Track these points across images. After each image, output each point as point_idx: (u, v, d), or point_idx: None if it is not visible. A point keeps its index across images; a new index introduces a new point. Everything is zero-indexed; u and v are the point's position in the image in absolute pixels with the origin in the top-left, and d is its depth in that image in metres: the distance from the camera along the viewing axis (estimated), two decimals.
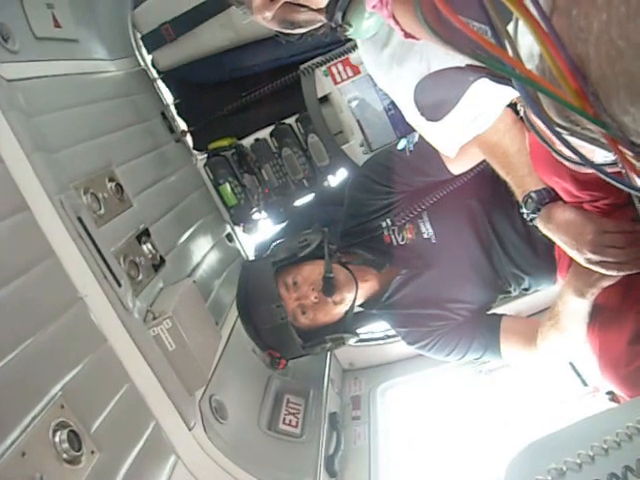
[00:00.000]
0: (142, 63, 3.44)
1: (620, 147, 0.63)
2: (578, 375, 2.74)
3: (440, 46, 0.83)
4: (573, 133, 0.71)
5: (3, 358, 1.50)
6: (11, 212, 1.77)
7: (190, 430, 2.09)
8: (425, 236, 2.66)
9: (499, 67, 0.71)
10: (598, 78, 0.60)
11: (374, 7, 1.23)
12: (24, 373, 1.56)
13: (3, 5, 2.34)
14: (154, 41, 3.33)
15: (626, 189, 0.83)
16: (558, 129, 0.71)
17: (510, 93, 1.23)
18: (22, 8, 2.42)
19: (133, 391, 1.91)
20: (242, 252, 3.70)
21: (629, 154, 0.63)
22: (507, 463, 1.67)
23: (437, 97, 0.99)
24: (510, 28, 0.74)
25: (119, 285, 2.04)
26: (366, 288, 2.69)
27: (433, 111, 1.02)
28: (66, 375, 1.68)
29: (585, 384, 2.71)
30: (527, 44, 0.71)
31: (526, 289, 2.72)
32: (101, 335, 1.89)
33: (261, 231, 3.65)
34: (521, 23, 0.69)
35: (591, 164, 0.77)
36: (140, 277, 2.39)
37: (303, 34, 1.77)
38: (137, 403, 1.92)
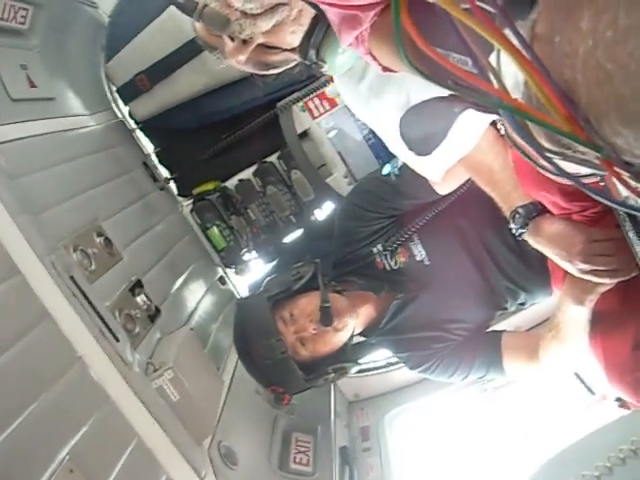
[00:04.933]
0: (119, 115, 3.46)
1: (615, 168, 0.63)
2: (584, 384, 2.73)
3: (424, 82, 0.84)
4: (565, 157, 0.71)
5: (8, 426, 1.48)
6: (3, 278, 1.75)
7: None
8: (418, 258, 2.66)
9: (485, 99, 0.71)
10: (588, 102, 0.60)
11: (350, 45, 1.24)
12: (30, 439, 1.54)
13: None
14: (130, 92, 3.36)
15: (613, 206, 0.84)
16: (549, 154, 0.71)
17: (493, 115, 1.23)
18: None
19: (141, 447, 1.88)
20: (236, 294, 3.69)
21: (625, 174, 0.63)
22: None
23: (424, 131, 0.99)
24: (492, 58, 0.74)
25: (117, 340, 2.02)
26: (364, 315, 2.66)
27: (421, 146, 1.02)
28: (72, 438, 1.65)
29: (592, 392, 2.71)
30: (511, 73, 0.71)
31: (522, 303, 2.72)
32: (104, 393, 1.86)
33: (253, 271, 3.65)
34: (503, 53, 0.69)
35: (583, 185, 0.77)
36: (137, 330, 2.38)
37: (279, 74, 1.78)
38: (146, 458, 1.89)
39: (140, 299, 2.52)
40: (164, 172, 3.61)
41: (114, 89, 3.43)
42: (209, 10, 1.52)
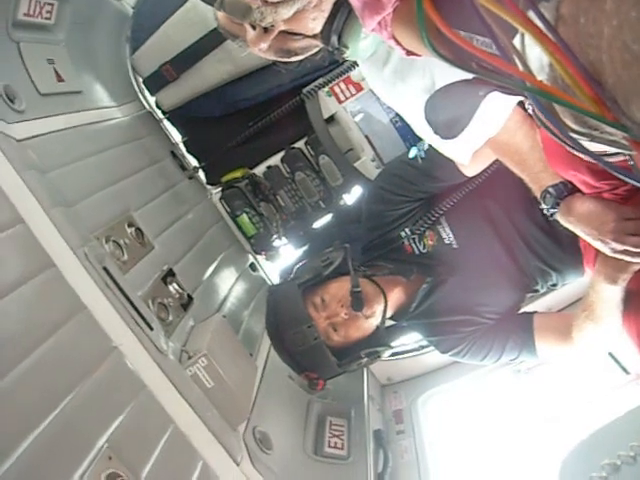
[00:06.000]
0: (146, 105, 3.48)
1: None
2: (618, 364, 2.71)
3: (449, 67, 0.83)
4: (592, 138, 0.71)
5: (47, 416, 1.50)
6: (38, 270, 1.78)
7: (238, 465, 2.08)
8: (446, 242, 2.65)
9: (510, 82, 0.71)
10: (614, 83, 0.59)
11: (373, 30, 1.24)
12: (68, 429, 1.56)
13: (6, 66, 2.38)
14: (156, 83, 3.37)
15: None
16: (576, 135, 0.71)
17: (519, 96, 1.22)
18: (24, 66, 2.47)
19: (177, 433, 1.90)
20: (267, 280, 3.71)
21: None
22: (560, 462, 1.65)
23: (449, 115, 0.99)
24: (516, 41, 0.74)
25: (151, 329, 2.04)
26: (394, 299, 2.66)
27: (447, 129, 1.02)
28: (110, 426, 1.67)
29: (627, 372, 2.69)
30: (536, 55, 0.71)
31: (554, 285, 2.69)
32: (140, 381, 1.88)
33: (283, 257, 3.67)
34: (527, 36, 0.69)
35: (609, 165, 0.77)
36: (170, 318, 2.40)
37: (301, 60, 1.78)
38: (183, 445, 1.91)
39: (172, 288, 2.55)
40: (192, 161, 3.63)
41: (140, 80, 3.44)
42: None
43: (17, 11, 2.41)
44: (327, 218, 3.59)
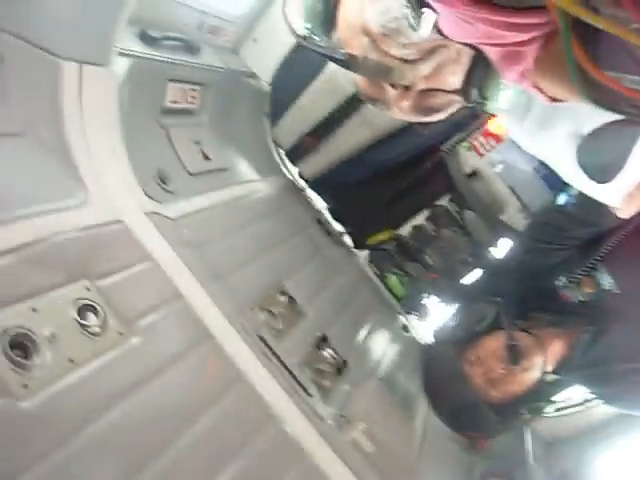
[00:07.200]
0: (289, 176, 3.57)
1: None
2: None
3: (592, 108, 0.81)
4: None
5: None
6: (198, 343, 1.84)
7: None
8: (606, 287, 2.55)
9: None
10: None
11: (514, 81, 1.22)
12: None
13: (158, 151, 2.52)
14: (297, 154, 3.48)
15: None
16: None
17: None
18: (174, 150, 2.61)
19: None
20: (420, 340, 3.66)
21: None
22: None
23: (603, 159, 0.96)
24: None
25: (309, 395, 2.07)
26: (553, 351, 2.58)
27: (603, 173, 0.99)
28: None
29: None
30: None
31: None
32: (300, 448, 1.89)
33: (435, 316, 3.63)
34: None
35: None
36: (326, 383, 2.41)
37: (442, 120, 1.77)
38: None
39: (327, 353, 2.57)
40: (337, 226, 3.68)
41: (282, 152, 3.55)
42: (370, 61, 1.54)
43: (164, 99, 2.58)
44: (477, 273, 3.53)
